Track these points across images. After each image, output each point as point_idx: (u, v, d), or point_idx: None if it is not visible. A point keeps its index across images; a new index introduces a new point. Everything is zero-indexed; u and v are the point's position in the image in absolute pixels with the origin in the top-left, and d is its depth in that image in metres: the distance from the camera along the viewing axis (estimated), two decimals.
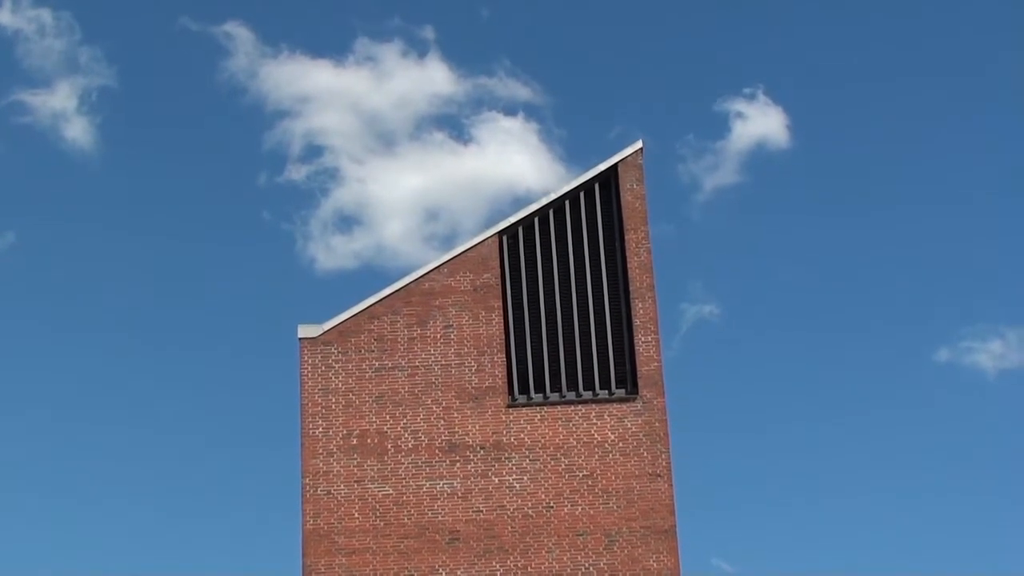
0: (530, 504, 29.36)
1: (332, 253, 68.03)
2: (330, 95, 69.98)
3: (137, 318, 67.29)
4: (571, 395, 30.17)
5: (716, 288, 67.12)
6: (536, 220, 31.54)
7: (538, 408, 30.08)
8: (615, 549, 29.02)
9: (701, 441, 57.03)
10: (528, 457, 29.68)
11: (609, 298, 30.89)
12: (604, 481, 29.50)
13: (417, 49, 72.35)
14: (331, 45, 77.83)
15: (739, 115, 68.61)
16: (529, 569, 28.92)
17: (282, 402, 62.61)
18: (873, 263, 66.72)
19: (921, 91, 69.10)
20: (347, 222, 68.42)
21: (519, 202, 65.36)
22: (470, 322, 30.66)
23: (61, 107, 68.02)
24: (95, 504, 60.99)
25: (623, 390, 30.19)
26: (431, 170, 70.43)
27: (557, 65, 72.89)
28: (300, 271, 68.60)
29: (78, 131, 68.29)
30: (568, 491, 29.45)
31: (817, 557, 58.66)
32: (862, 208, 67.75)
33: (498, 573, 28.89)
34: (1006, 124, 67.32)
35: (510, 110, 70.69)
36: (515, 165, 69.17)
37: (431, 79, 70.12)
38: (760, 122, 68.19)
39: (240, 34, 69.94)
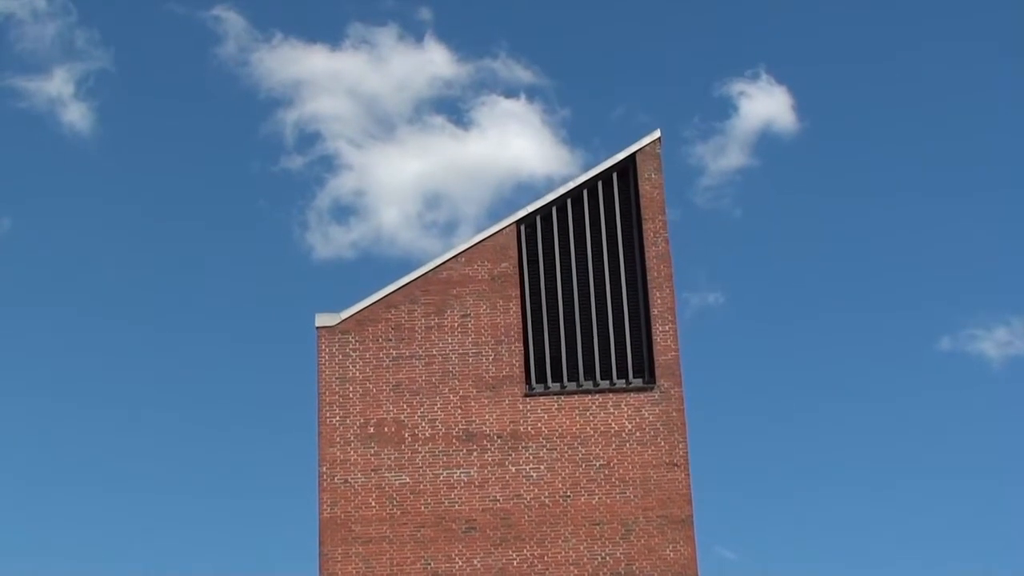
0: (547, 493, 29.34)
1: (330, 241, 67.47)
2: (327, 80, 69.22)
3: (136, 303, 66.97)
4: (588, 384, 30.13)
5: (721, 276, 66.63)
6: (554, 209, 31.48)
7: (555, 397, 30.05)
8: (632, 539, 28.99)
9: (709, 431, 56.94)
10: (545, 446, 29.66)
11: (627, 287, 30.83)
12: (621, 470, 29.46)
13: (413, 32, 71.72)
14: (324, 30, 77.21)
15: (743, 94, 67.91)
16: (546, 558, 28.90)
17: (299, 391, 62.48)
18: (877, 250, 66.40)
19: (921, 76, 68.66)
20: (345, 210, 67.83)
21: (522, 187, 64.93)
22: (487, 311, 30.62)
23: (57, 92, 67.58)
24: (108, 493, 61.01)
25: (640, 379, 30.15)
26: (431, 155, 69.61)
27: (557, 46, 72.22)
28: (299, 260, 68.10)
29: (75, 116, 67.82)
30: (585, 480, 29.42)
31: (820, 545, 58.60)
32: (866, 194, 67.31)
33: (514, 562, 28.87)
34: (1013, 109, 66.90)
35: (511, 92, 70.00)
36: (517, 149, 68.33)
37: (430, 62, 69.20)
38: (765, 103, 67.44)
39: (231, 19, 69.33)
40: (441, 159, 68.97)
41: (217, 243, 69.01)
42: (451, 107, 70.36)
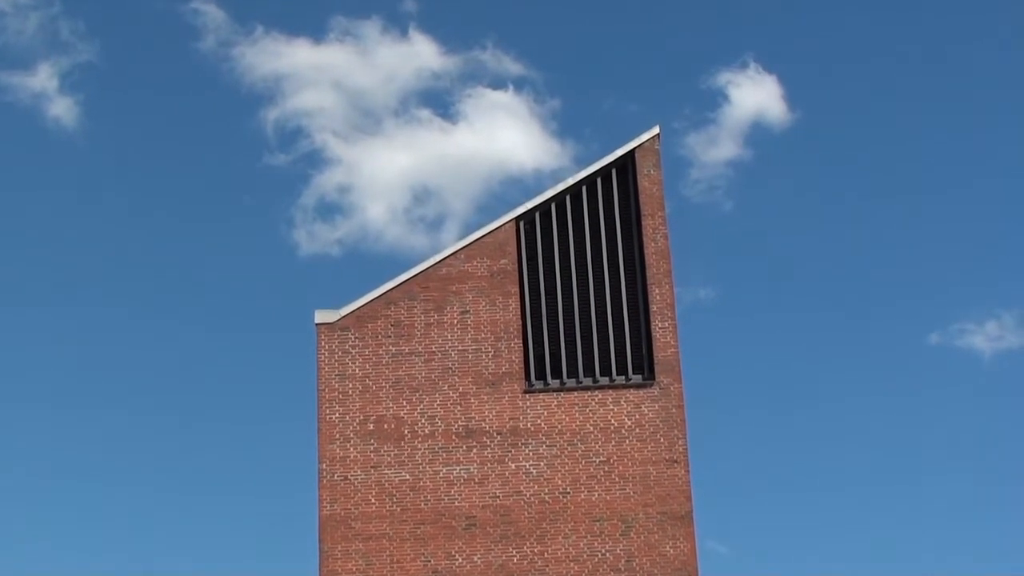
0: (547, 490, 29.35)
1: (317, 237, 66.95)
2: (311, 74, 68.51)
3: (126, 298, 66.52)
4: (588, 381, 30.13)
5: (712, 271, 66.31)
6: (553, 206, 31.47)
7: (555, 394, 30.05)
8: (632, 535, 29.02)
9: (703, 427, 56.70)
10: (545, 443, 29.66)
11: (626, 283, 30.83)
12: (621, 467, 29.48)
13: (398, 25, 71.11)
14: (306, 23, 76.53)
15: (731, 84, 67.49)
16: (545, 555, 28.92)
17: (298, 388, 62.23)
18: (868, 243, 66.33)
19: (912, 64, 68.49)
20: (332, 205, 67.28)
21: (511, 180, 64.60)
22: (487, 307, 30.61)
23: (42, 86, 66.92)
24: (106, 491, 60.83)
25: (640, 376, 30.16)
26: (418, 149, 68.98)
27: (545, 37, 71.53)
28: (286, 256, 67.64)
29: (61, 110, 67.21)
30: (585, 477, 29.43)
31: (812, 540, 58.69)
32: (857, 187, 67.16)
33: (514, 559, 28.88)
34: (1007, 101, 66.87)
35: (499, 84, 69.41)
36: (506, 141, 67.67)
37: (415, 55, 68.36)
38: (754, 93, 66.92)
39: (210, 12, 68.66)
40: (429, 153, 68.42)
41: (204, 239, 68.72)
42: (438, 100, 69.99)
